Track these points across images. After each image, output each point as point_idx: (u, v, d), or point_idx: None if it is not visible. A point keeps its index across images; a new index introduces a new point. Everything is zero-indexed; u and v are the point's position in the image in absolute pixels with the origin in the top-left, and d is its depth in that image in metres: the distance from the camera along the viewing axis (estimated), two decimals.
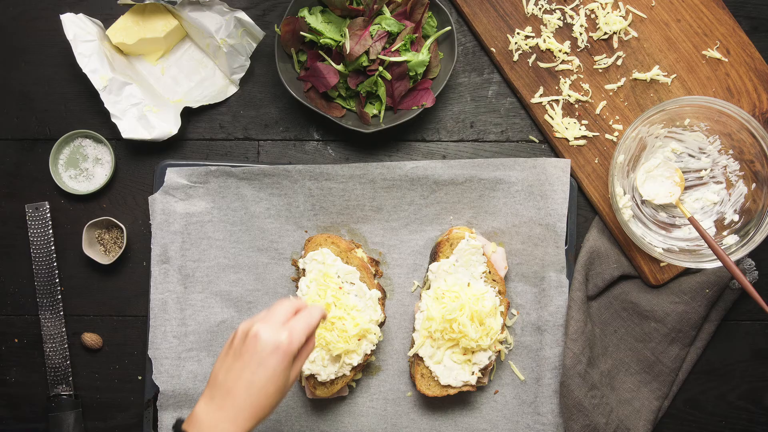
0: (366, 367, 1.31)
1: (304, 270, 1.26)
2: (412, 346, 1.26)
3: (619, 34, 1.31)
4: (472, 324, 1.21)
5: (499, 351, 1.27)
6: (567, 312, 1.27)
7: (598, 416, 1.26)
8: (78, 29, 1.28)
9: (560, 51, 1.31)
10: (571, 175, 1.30)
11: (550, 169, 1.28)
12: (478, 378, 1.25)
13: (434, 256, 1.28)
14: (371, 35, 1.24)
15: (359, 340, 1.22)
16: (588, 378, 1.26)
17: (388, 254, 1.32)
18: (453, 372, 1.24)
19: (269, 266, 1.31)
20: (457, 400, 1.30)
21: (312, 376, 1.25)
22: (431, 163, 1.29)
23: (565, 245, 1.29)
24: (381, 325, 1.26)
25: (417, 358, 1.26)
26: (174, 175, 1.30)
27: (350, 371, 1.24)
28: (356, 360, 1.23)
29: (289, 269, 1.31)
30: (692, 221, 1.23)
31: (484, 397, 1.30)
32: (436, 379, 1.25)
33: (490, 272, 1.27)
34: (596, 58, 1.31)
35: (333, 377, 1.23)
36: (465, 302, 1.22)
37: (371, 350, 1.24)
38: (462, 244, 1.25)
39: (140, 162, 1.35)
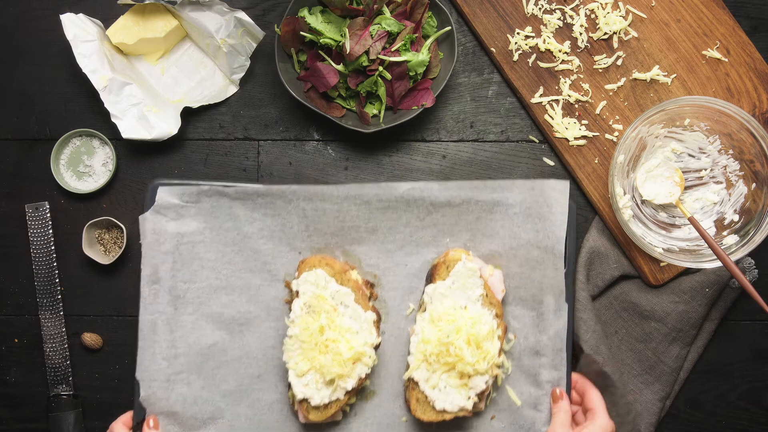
0: (360, 391, 1.27)
1: (297, 292, 1.23)
2: (407, 370, 1.23)
3: (619, 34, 1.31)
4: (469, 348, 1.18)
5: (496, 375, 1.24)
6: (574, 314, 1.26)
7: (614, 417, 1.26)
8: (78, 29, 1.28)
9: (560, 51, 1.31)
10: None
11: (548, 191, 1.25)
12: (474, 403, 1.22)
13: (430, 279, 1.25)
14: (371, 35, 1.24)
15: (354, 363, 1.20)
16: (603, 377, 1.25)
17: (384, 276, 1.28)
18: (449, 396, 1.21)
19: (262, 288, 1.28)
20: (453, 426, 1.26)
21: (305, 400, 1.21)
22: (428, 185, 1.26)
23: (564, 268, 1.25)
24: (376, 348, 1.23)
25: (412, 382, 1.23)
26: (165, 195, 1.27)
27: (344, 395, 1.21)
28: (351, 384, 1.19)
29: (282, 291, 1.29)
30: (692, 221, 1.23)
31: (480, 423, 1.26)
32: (431, 403, 1.21)
33: (487, 295, 1.24)
34: (596, 58, 1.31)
35: (327, 401, 1.20)
36: (461, 325, 1.19)
37: (366, 374, 1.21)
38: (458, 267, 1.22)
39: (140, 162, 1.35)
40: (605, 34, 1.31)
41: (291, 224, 1.28)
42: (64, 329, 1.33)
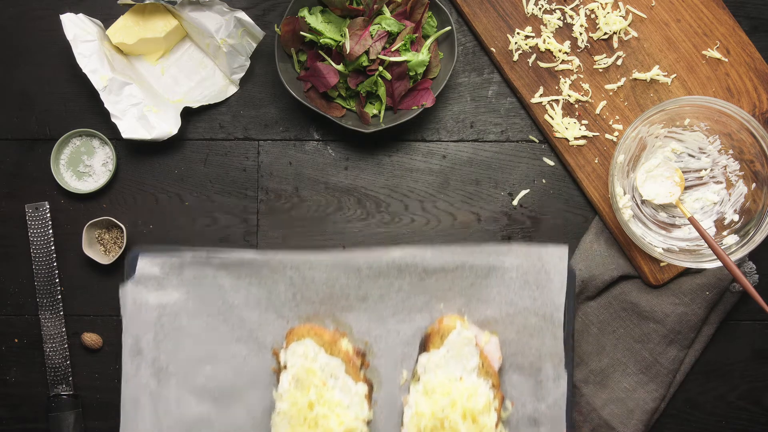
0: None
1: (285, 365, 1.20)
2: None
3: (619, 34, 1.31)
4: (465, 422, 1.15)
5: None
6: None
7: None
8: (78, 29, 1.28)
9: (560, 51, 1.31)
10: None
11: (546, 257, 1.22)
12: None
13: (424, 347, 1.22)
14: (371, 35, 1.24)
15: None
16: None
17: (375, 344, 1.25)
18: None
19: (248, 357, 1.25)
20: None
21: None
22: (420, 251, 1.23)
23: (563, 334, 1.23)
24: (368, 422, 1.20)
25: None
26: (146, 265, 1.24)
27: None
28: None
29: (269, 360, 1.26)
30: (692, 221, 1.23)
31: None
32: None
33: (483, 365, 1.20)
34: (596, 58, 1.31)
35: None
36: (457, 398, 1.15)
37: None
38: (453, 336, 1.19)
39: (140, 162, 1.35)
40: (605, 34, 1.31)
41: (278, 292, 1.25)
42: (64, 329, 1.33)
